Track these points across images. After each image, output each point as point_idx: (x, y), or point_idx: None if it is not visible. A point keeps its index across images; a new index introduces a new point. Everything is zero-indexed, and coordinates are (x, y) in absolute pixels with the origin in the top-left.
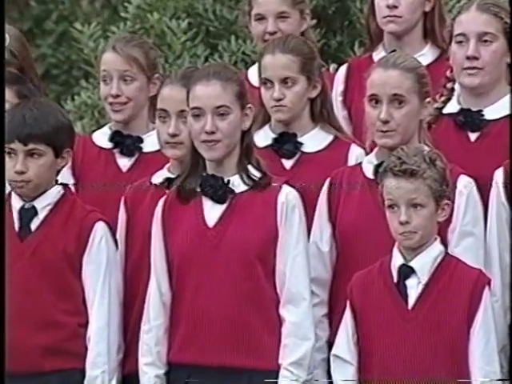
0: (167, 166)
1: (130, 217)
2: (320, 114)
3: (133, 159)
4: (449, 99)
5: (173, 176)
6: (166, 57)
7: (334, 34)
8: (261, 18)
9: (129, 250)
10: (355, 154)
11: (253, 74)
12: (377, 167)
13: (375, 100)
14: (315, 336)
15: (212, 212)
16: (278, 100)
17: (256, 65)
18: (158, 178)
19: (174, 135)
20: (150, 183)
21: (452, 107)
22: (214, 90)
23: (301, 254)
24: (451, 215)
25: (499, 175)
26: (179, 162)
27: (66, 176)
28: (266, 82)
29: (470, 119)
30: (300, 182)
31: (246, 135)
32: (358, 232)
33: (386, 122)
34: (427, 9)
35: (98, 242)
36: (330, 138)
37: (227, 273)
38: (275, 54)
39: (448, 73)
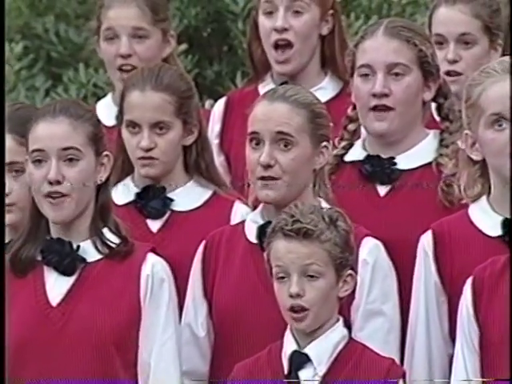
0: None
1: None
2: (195, 164)
3: None
4: (351, 144)
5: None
6: None
7: (211, 62)
8: (112, 36)
9: None
10: (240, 213)
11: (103, 111)
12: (261, 228)
13: (256, 140)
14: None
15: (56, 286)
16: (148, 150)
17: (108, 98)
18: None
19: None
20: None
21: (356, 153)
22: (61, 128)
23: (170, 340)
24: (354, 290)
25: (428, 241)
26: (13, 228)
27: None
28: (131, 125)
29: (378, 169)
30: (169, 248)
31: (102, 190)
32: (238, 312)
33: (267, 167)
34: (324, 32)
35: None
36: (208, 193)
37: (74, 364)
38: (145, 91)
39: (349, 111)
